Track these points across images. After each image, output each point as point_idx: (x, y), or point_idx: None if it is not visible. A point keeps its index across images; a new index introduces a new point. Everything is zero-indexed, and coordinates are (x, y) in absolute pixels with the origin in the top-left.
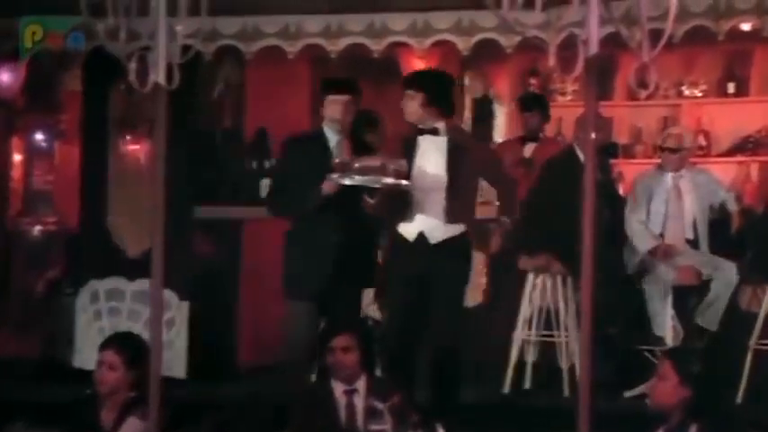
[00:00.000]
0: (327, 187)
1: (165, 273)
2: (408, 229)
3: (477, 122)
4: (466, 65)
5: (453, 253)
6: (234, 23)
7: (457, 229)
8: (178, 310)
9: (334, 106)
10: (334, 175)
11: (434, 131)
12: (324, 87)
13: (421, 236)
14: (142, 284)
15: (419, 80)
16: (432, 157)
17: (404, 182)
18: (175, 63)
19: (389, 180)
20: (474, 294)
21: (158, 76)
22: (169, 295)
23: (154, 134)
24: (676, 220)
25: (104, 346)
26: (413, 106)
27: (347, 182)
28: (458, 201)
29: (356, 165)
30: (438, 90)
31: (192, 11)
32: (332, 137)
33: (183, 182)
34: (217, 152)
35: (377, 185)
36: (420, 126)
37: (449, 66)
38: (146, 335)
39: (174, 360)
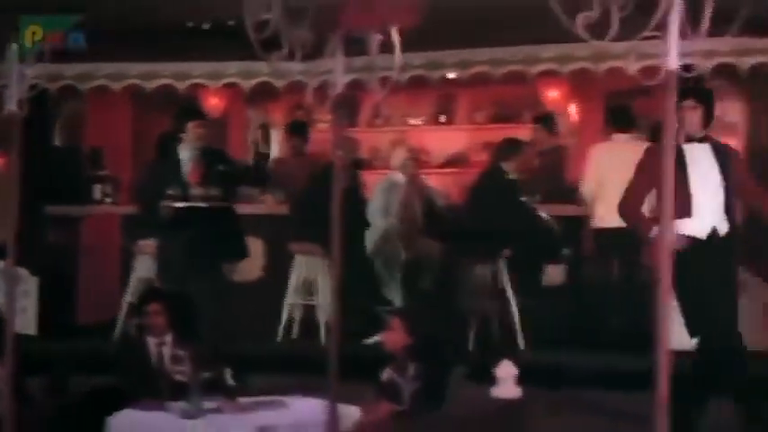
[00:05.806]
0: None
1: (19, 255)
2: (696, 228)
3: (259, 144)
4: (249, 100)
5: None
6: (73, 68)
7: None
8: (30, 283)
9: (198, 130)
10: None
11: (702, 139)
12: (184, 114)
13: (714, 231)
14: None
15: (701, 94)
16: (705, 163)
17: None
18: (25, 97)
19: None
20: (255, 270)
21: (12, 106)
22: (22, 272)
23: (11, 150)
24: (405, 211)
25: None
26: (695, 117)
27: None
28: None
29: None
30: (712, 103)
31: (38, 58)
32: (185, 155)
33: (35, 186)
34: (62, 164)
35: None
36: (691, 136)
37: (236, 102)
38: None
39: (27, 321)
